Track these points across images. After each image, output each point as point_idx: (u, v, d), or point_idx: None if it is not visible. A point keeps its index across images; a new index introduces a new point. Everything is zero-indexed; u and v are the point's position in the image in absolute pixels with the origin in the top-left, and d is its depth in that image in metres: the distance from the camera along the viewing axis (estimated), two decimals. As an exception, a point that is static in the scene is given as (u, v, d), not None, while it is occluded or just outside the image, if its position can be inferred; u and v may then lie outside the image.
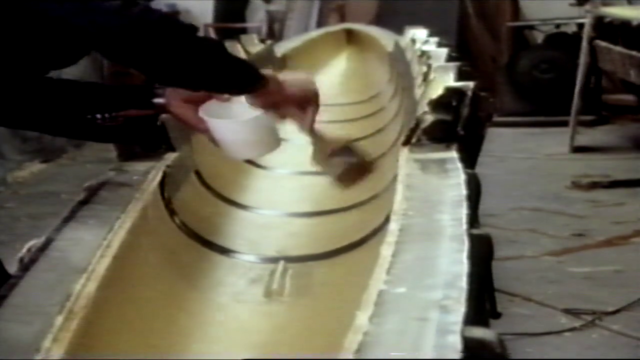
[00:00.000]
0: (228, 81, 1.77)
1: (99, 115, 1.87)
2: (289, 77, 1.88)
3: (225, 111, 1.85)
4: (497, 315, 1.93)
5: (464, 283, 1.21)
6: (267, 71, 1.84)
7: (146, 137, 2.03)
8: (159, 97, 1.90)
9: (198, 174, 2.33)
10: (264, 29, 8.97)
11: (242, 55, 3.70)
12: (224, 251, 2.08)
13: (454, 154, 1.93)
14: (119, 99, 1.91)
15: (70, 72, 1.98)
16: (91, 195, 1.83)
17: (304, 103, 1.89)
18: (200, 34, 1.76)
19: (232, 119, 1.86)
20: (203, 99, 1.86)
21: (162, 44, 1.65)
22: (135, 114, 1.90)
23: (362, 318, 1.15)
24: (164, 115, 2.05)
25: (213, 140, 1.90)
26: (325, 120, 3.91)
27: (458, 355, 1.02)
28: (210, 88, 1.81)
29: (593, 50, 6.26)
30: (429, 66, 2.67)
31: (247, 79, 1.79)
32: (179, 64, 1.68)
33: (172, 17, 1.74)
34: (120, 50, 1.65)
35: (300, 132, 1.92)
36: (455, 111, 2.07)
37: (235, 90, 1.82)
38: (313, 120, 1.91)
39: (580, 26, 7.03)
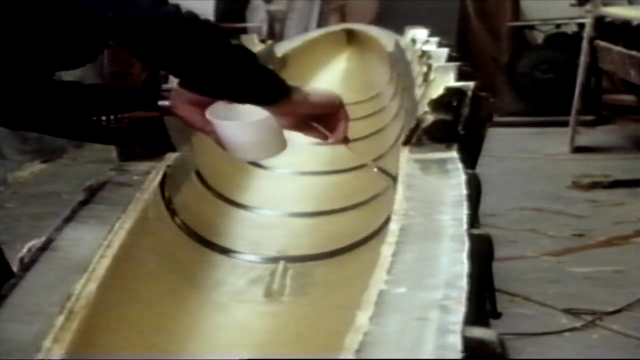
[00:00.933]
0: (255, 91, 1.73)
1: (104, 117, 1.87)
2: (314, 90, 1.85)
3: (232, 113, 1.85)
4: (498, 315, 1.93)
5: (464, 283, 1.21)
6: (291, 83, 1.80)
7: (151, 139, 2.03)
8: (164, 99, 1.90)
9: (199, 174, 2.33)
10: (265, 29, 8.98)
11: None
12: (225, 251, 2.08)
13: (454, 154, 1.93)
14: (124, 101, 1.90)
15: (70, 73, 1.98)
16: (91, 195, 1.83)
17: (332, 112, 1.85)
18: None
19: (240, 121, 1.86)
20: (209, 101, 1.84)
21: (193, 42, 1.63)
22: (140, 115, 1.90)
23: (363, 318, 1.14)
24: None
25: (219, 143, 1.89)
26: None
27: (458, 355, 1.02)
28: (235, 96, 1.76)
29: (593, 50, 6.27)
30: (429, 66, 2.67)
31: (273, 90, 1.75)
32: (207, 65, 1.66)
33: (205, 19, 1.72)
34: (150, 45, 1.62)
35: (331, 143, 1.89)
36: (455, 111, 2.07)
37: (261, 101, 1.77)
38: (346, 130, 1.88)
39: (581, 26, 7.04)
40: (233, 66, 1.68)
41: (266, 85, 1.75)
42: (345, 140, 1.90)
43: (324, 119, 1.86)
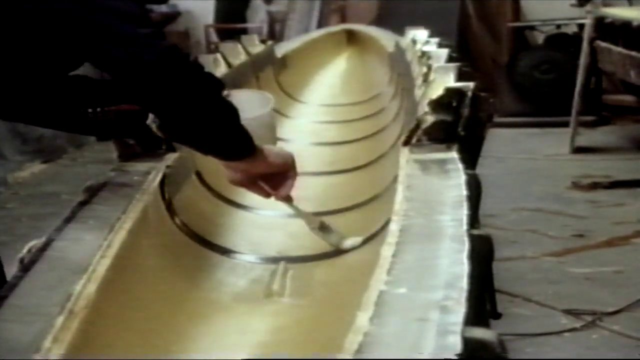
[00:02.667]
0: (226, 147, 1.80)
1: (90, 110, 1.88)
2: (272, 150, 1.93)
3: None
4: (498, 316, 1.94)
5: (464, 283, 1.21)
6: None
7: (138, 132, 2.03)
8: None
9: (198, 174, 2.33)
10: (265, 30, 8.99)
11: (243, 56, 3.71)
12: (225, 252, 2.08)
13: (454, 154, 1.93)
14: (110, 94, 1.91)
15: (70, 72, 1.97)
16: (92, 196, 1.83)
17: (284, 172, 1.95)
18: (201, 36, 1.74)
19: None
20: None
21: (195, 94, 1.66)
22: (127, 108, 1.90)
23: (363, 318, 1.15)
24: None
25: None
26: (326, 120, 3.93)
27: (458, 355, 1.02)
28: (205, 148, 1.83)
29: (593, 51, 6.26)
30: (430, 67, 2.67)
31: (242, 149, 1.83)
32: (198, 117, 1.69)
33: (198, 62, 1.73)
34: (155, 89, 1.63)
35: (274, 199, 2.00)
36: (455, 112, 2.07)
37: (227, 156, 1.85)
38: (290, 189, 1.98)
39: (581, 27, 7.03)
40: (218, 123, 1.73)
41: (237, 144, 1.81)
42: (288, 199, 2.00)
43: (274, 175, 1.95)
